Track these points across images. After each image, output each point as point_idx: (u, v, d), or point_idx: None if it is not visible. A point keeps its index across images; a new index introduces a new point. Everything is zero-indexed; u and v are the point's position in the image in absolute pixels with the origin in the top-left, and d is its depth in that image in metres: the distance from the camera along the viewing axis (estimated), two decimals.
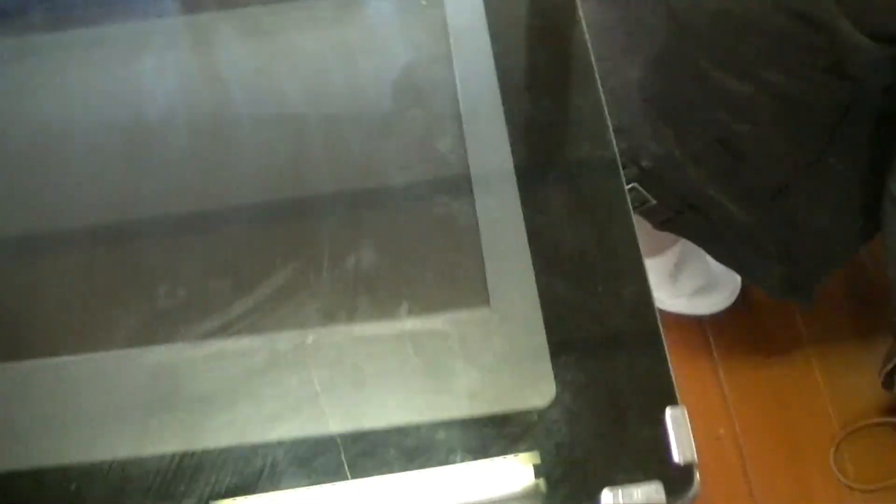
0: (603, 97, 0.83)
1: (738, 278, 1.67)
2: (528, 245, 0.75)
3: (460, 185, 0.79)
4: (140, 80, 0.90)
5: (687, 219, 1.40)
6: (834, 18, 1.15)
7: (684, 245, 1.59)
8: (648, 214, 1.43)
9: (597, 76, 0.84)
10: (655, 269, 1.63)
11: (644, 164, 1.33)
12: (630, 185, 1.43)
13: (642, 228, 1.32)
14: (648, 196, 1.40)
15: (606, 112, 0.82)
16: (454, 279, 0.74)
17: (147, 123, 0.87)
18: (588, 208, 0.77)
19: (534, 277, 0.73)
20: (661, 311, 0.69)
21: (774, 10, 1.18)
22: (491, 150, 0.80)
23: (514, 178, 0.79)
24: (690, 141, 1.30)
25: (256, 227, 0.79)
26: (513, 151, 0.81)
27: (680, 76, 1.27)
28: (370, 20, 0.95)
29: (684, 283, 1.65)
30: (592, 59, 0.86)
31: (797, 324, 1.68)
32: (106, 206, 0.82)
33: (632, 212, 0.76)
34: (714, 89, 1.25)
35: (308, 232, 0.78)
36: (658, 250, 1.61)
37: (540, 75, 0.86)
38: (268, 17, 0.95)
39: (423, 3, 0.95)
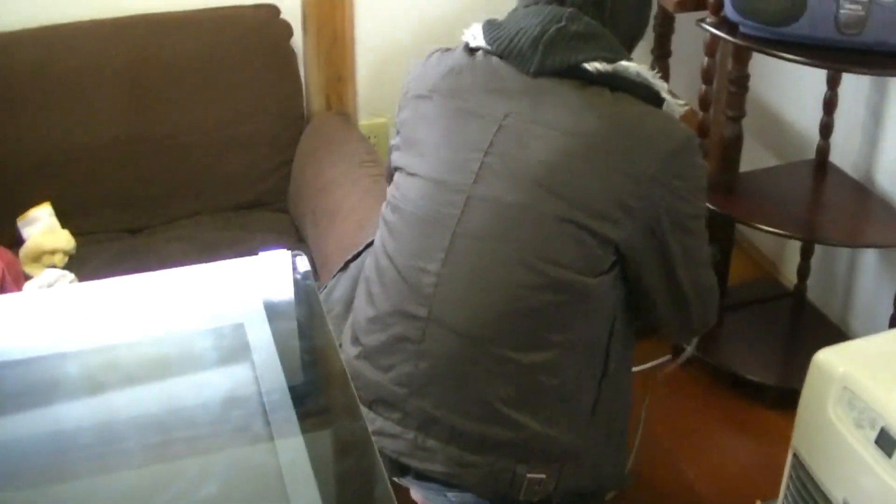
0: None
1: None
2: (310, 468, 1.19)
3: (267, 444, 1.24)
4: None
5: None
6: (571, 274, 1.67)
7: None
8: None
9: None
10: None
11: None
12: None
13: None
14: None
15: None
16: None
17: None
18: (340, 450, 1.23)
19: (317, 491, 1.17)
20: None
21: (538, 286, 1.67)
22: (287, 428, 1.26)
23: (302, 441, 1.24)
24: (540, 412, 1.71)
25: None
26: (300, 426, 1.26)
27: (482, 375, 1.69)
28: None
29: None
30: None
31: None
32: None
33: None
34: (530, 367, 1.69)
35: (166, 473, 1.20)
36: None
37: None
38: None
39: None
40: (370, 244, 1.91)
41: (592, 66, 1.72)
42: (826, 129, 2.75)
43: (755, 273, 3.18)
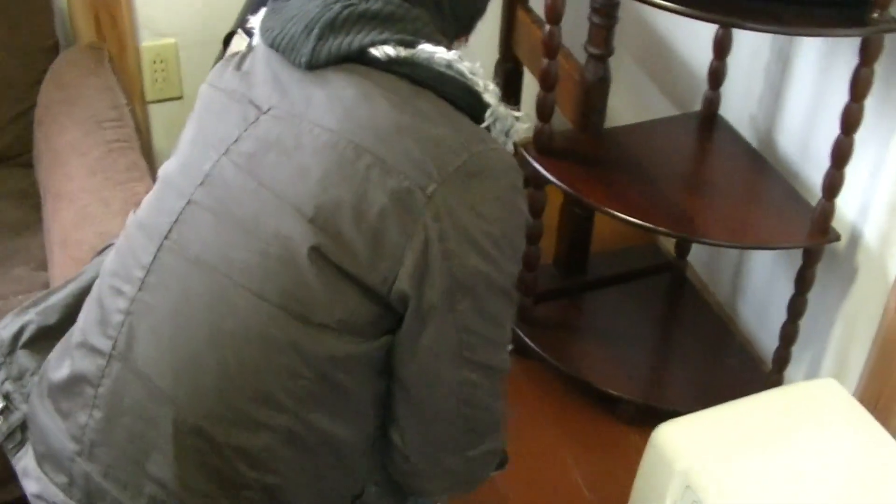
0: None
1: None
2: None
3: None
4: None
5: None
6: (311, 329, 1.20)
7: None
8: None
9: None
10: None
11: None
12: None
13: None
14: None
15: None
16: None
17: None
18: None
19: None
20: None
21: (256, 337, 1.21)
22: None
23: None
24: None
25: None
26: None
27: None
28: None
29: None
30: None
31: None
32: None
33: None
34: (230, 451, 1.23)
35: None
36: None
37: None
38: None
39: None
40: (108, 246, 1.49)
41: (381, 50, 1.25)
42: (716, 75, 2.20)
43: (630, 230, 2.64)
